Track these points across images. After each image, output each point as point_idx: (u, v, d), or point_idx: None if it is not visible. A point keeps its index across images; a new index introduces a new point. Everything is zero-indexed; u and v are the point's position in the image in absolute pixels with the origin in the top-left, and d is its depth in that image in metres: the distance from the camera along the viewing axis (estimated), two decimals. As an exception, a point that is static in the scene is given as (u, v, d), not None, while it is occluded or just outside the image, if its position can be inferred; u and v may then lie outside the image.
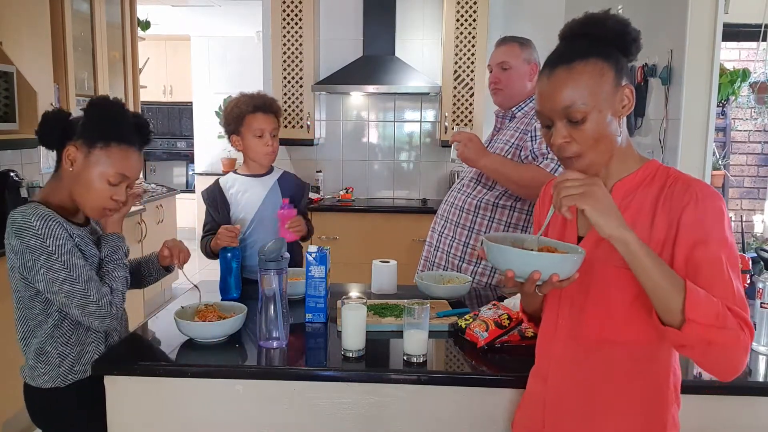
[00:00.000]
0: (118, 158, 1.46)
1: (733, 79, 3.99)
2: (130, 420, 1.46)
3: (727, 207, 1.07)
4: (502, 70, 2.23)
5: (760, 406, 1.40)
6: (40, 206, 1.45)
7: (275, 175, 2.26)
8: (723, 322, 0.96)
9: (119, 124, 1.48)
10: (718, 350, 0.97)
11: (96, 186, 1.46)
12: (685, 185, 1.05)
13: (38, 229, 1.40)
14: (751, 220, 4.49)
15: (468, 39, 4.14)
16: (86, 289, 1.42)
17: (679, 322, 0.96)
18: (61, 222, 1.43)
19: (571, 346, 1.15)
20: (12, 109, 3.03)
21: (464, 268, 2.21)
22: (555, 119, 1.07)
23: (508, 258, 1.04)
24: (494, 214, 2.18)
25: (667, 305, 0.98)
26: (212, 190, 2.24)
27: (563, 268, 1.03)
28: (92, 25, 3.96)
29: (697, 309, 0.95)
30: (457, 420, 1.42)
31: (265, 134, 2.13)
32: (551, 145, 1.10)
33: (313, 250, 1.73)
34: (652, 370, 1.10)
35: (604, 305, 1.10)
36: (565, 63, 1.06)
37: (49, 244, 1.40)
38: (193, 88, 7.11)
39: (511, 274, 1.03)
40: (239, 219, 2.19)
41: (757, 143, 4.55)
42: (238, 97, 2.20)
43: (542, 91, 1.09)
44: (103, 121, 1.47)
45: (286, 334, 1.54)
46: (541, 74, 1.11)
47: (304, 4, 4.14)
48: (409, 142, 4.64)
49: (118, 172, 1.47)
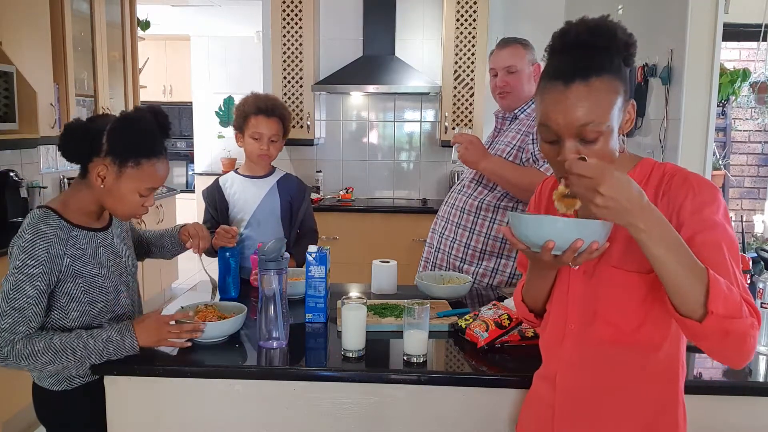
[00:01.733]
0: (149, 173, 1.46)
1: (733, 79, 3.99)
2: (130, 420, 1.46)
3: (727, 207, 1.06)
4: (509, 74, 2.21)
5: (760, 406, 1.40)
6: (50, 215, 1.43)
7: (275, 176, 2.26)
8: (741, 312, 0.94)
9: (147, 140, 1.46)
10: (734, 339, 0.94)
11: (128, 199, 1.47)
12: (681, 178, 1.05)
13: (25, 242, 1.39)
14: (751, 220, 4.48)
15: (468, 39, 4.14)
16: (7, 314, 1.36)
17: (701, 315, 0.93)
18: (52, 241, 1.40)
19: (581, 350, 1.14)
20: (12, 109, 3.03)
21: (465, 269, 2.21)
22: (565, 136, 1.03)
23: (548, 227, 0.98)
24: (495, 216, 2.18)
25: (687, 297, 0.94)
26: (212, 189, 2.25)
27: (601, 235, 0.99)
28: (92, 25, 3.96)
29: (718, 301, 0.92)
30: (457, 420, 1.42)
31: (263, 138, 2.13)
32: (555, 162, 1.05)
33: (313, 250, 1.73)
34: (663, 370, 1.10)
35: (614, 308, 1.09)
36: (581, 78, 1.01)
37: (21, 259, 1.38)
38: (193, 88, 7.10)
39: (551, 245, 0.97)
40: (237, 219, 2.19)
41: (757, 143, 4.55)
42: (248, 96, 2.20)
43: (554, 105, 1.03)
44: (132, 140, 1.44)
45: (286, 334, 1.54)
46: (552, 85, 1.04)
47: (304, 4, 4.14)
48: (409, 142, 4.63)
49: (152, 186, 1.48)
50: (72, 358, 1.38)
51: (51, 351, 1.37)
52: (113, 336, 1.41)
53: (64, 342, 1.38)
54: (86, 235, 1.49)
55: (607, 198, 0.91)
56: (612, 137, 1.03)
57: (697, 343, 0.99)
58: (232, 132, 2.30)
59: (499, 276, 2.18)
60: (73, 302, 1.46)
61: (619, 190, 0.91)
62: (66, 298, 1.45)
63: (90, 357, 1.39)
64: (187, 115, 7.44)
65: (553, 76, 1.05)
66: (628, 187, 0.92)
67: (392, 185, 4.66)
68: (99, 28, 4.02)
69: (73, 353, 1.38)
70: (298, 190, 2.28)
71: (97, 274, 1.49)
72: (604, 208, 0.92)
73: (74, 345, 1.38)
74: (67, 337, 1.39)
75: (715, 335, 0.94)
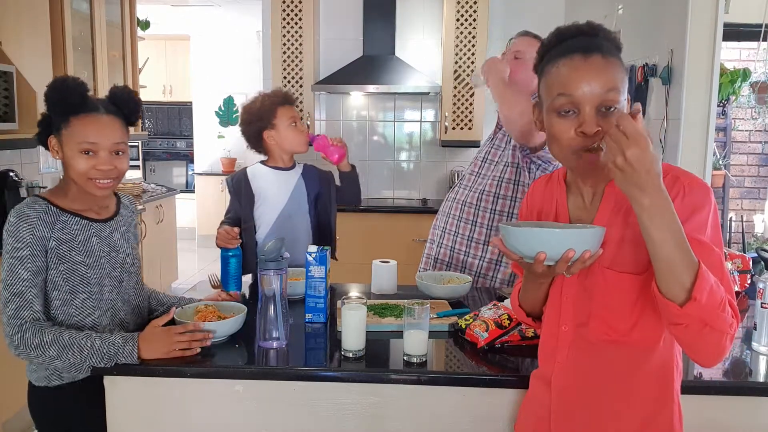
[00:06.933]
0: (80, 129, 1.46)
1: (733, 79, 3.99)
2: (129, 420, 1.45)
3: (727, 207, 1.06)
4: (514, 59, 2.21)
5: (760, 406, 1.40)
6: (37, 201, 1.47)
7: (299, 169, 2.26)
8: (723, 308, 0.95)
9: (67, 97, 1.47)
10: (711, 333, 0.96)
11: (76, 163, 1.46)
12: (673, 178, 1.04)
13: (10, 225, 1.43)
14: (751, 220, 4.48)
15: (468, 39, 4.14)
16: (10, 300, 1.40)
17: (683, 300, 0.94)
18: (35, 224, 1.42)
19: (576, 351, 1.14)
20: (11, 108, 3.03)
21: (470, 263, 2.20)
22: (585, 104, 1.03)
23: (538, 239, 0.98)
24: (495, 206, 2.18)
25: (674, 281, 0.94)
26: (238, 180, 2.21)
27: (593, 243, 0.99)
28: (92, 25, 3.96)
29: (704, 290, 0.93)
30: (457, 420, 1.42)
31: (298, 122, 2.17)
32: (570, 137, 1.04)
33: (313, 250, 1.73)
34: (658, 372, 1.10)
35: (607, 309, 1.09)
36: (599, 52, 1.04)
37: (9, 243, 1.41)
38: (193, 87, 7.10)
39: (543, 257, 0.98)
40: (263, 214, 2.18)
41: (757, 143, 4.55)
42: (256, 96, 2.21)
43: (576, 73, 1.03)
44: (56, 103, 1.48)
45: (286, 334, 1.54)
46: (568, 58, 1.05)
47: (304, 4, 4.14)
48: (409, 142, 4.63)
49: (86, 141, 1.46)
50: (79, 355, 1.38)
51: (58, 345, 1.38)
52: (116, 340, 1.41)
53: (73, 338, 1.39)
54: (79, 222, 1.50)
55: (628, 163, 0.91)
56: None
57: (674, 331, 1.00)
58: (231, 132, 2.29)
59: (503, 268, 2.17)
60: (55, 290, 1.47)
61: (643, 161, 0.90)
62: (50, 284, 1.47)
63: (93, 357, 1.39)
64: (187, 115, 7.45)
65: (567, 52, 1.06)
66: (651, 163, 0.91)
67: (392, 185, 4.66)
68: (99, 28, 4.02)
69: (80, 351, 1.38)
70: (323, 180, 2.30)
71: (81, 262, 1.48)
72: (619, 170, 0.92)
73: (82, 343, 1.39)
74: (77, 335, 1.40)
75: (693, 324, 0.95)
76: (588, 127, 1.02)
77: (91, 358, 1.39)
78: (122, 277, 1.60)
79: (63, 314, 1.48)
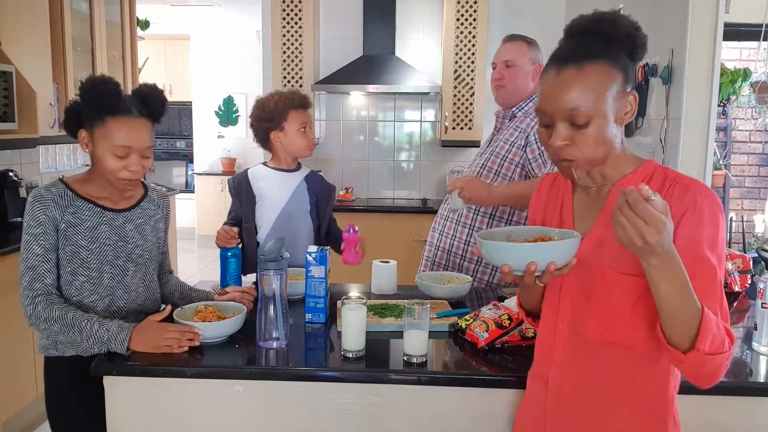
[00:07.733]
0: (115, 131, 1.52)
1: (734, 79, 3.99)
2: (129, 420, 1.45)
3: (727, 207, 1.06)
4: (506, 68, 2.22)
5: (760, 406, 1.39)
6: (56, 184, 1.56)
7: (303, 172, 2.25)
8: (722, 347, 0.97)
9: (107, 98, 1.52)
10: (709, 370, 0.99)
11: (107, 161, 1.53)
12: (683, 188, 1.03)
13: (28, 205, 1.52)
14: (751, 220, 4.48)
15: (468, 39, 4.14)
16: (24, 273, 1.50)
17: (686, 348, 0.96)
18: (48, 205, 1.51)
19: (572, 350, 1.14)
20: (11, 108, 3.02)
21: (466, 267, 2.21)
22: (557, 120, 1.04)
23: (502, 253, 1.04)
24: (495, 212, 2.18)
25: (679, 331, 0.97)
26: (239, 181, 2.21)
27: (559, 256, 1.01)
28: (91, 25, 3.96)
29: (706, 340, 0.95)
30: (457, 420, 1.42)
31: (307, 128, 2.17)
32: (548, 145, 1.07)
33: (313, 250, 1.73)
34: (654, 372, 1.10)
35: (607, 309, 1.09)
36: (574, 62, 1.02)
37: (26, 221, 1.51)
38: (193, 87, 7.10)
39: (507, 269, 1.03)
40: (264, 214, 2.17)
41: (757, 143, 4.55)
42: (273, 94, 2.19)
43: (548, 88, 1.05)
44: (94, 100, 1.52)
45: (286, 334, 1.54)
46: (547, 70, 1.06)
47: (304, 4, 4.14)
48: (409, 142, 4.63)
49: (120, 145, 1.52)
50: (78, 335, 1.46)
51: (62, 322, 1.46)
52: (113, 327, 1.46)
53: (76, 319, 1.47)
54: (91, 209, 1.57)
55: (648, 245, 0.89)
56: (607, 124, 1.03)
57: (675, 365, 1.05)
58: (231, 132, 2.28)
59: (499, 273, 2.17)
60: (60, 269, 1.54)
61: (662, 243, 0.89)
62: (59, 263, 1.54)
63: (89, 339, 1.45)
64: (187, 115, 7.44)
65: (549, 61, 1.07)
66: (667, 235, 0.89)
67: (392, 185, 4.66)
68: (99, 28, 4.01)
69: (80, 332, 1.46)
70: (325, 189, 2.28)
71: (84, 246, 1.54)
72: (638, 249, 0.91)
73: (83, 325, 1.46)
74: (81, 316, 1.47)
75: (693, 366, 0.98)
76: (554, 140, 1.04)
77: (88, 340, 1.46)
78: (127, 267, 1.62)
79: (66, 293, 1.55)
